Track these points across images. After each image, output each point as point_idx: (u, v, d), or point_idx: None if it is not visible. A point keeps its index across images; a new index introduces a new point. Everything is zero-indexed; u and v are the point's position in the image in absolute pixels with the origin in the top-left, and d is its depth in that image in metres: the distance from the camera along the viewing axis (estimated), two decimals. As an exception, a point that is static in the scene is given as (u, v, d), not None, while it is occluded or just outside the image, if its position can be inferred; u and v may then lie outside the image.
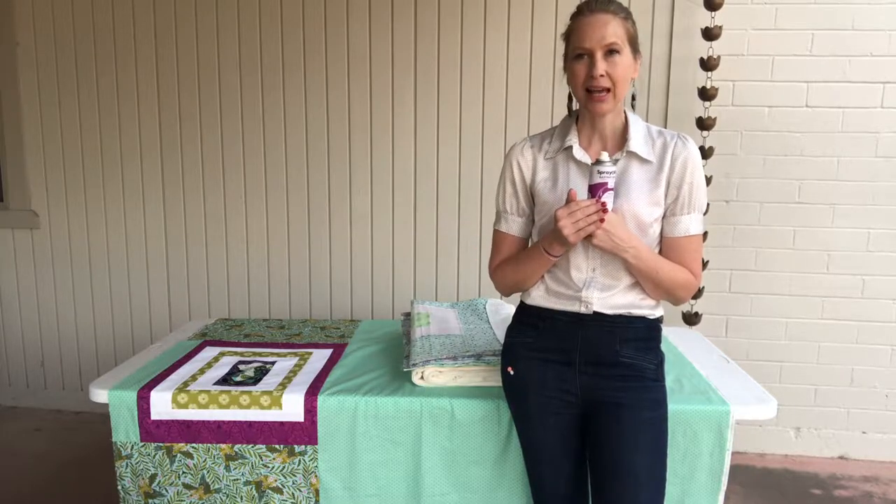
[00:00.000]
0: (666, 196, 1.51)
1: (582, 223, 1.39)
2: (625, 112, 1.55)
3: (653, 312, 1.56)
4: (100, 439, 3.01)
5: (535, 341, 1.60)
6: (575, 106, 1.58)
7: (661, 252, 1.54)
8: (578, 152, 1.53)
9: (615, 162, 1.48)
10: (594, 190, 1.43)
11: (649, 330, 1.57)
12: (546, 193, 1.55)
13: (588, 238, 1.42)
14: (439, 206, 3.15)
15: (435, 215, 3.16)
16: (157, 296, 3.38)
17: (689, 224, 1.51)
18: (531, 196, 1.60)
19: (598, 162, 1.42)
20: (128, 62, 3.21)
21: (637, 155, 1.50)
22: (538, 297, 1.58)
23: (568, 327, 1.55)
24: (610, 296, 1.52)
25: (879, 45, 2.82)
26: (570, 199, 1.42)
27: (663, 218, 1.52)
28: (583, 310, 1.53)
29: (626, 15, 1.46)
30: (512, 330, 1.67)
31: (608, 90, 1.44)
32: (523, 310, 1.65)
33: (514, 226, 1.62)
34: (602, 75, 1.42)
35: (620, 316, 1.53)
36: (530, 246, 1.61)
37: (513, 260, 1.60)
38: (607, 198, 1.42)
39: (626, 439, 1.49)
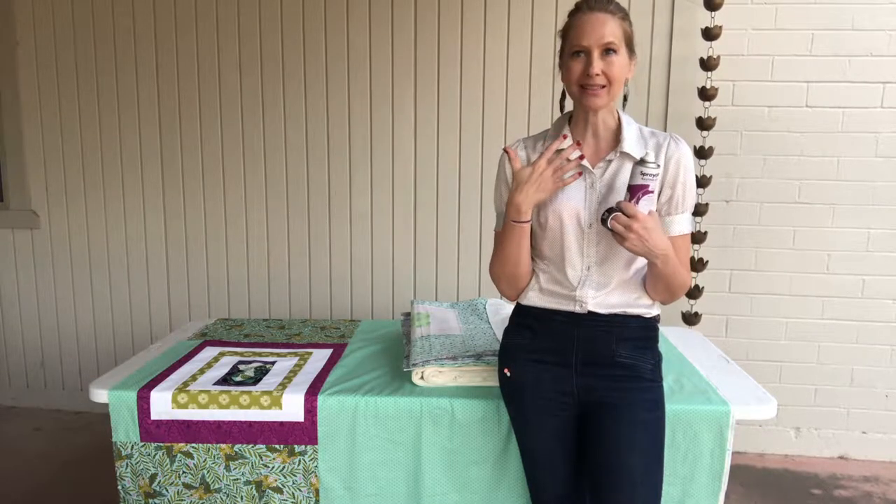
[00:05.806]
0: (660, 196, 1.51)
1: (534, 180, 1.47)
2: (617, 112, 1.55)
3: (649, 311, 1.56)
4: (100, 439, 3.01)
5: (531, 343, 1.59)
6: (568, 106, 1.58)
7: None
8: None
9: (657, 166, 1.42)
10: (634, 191, 1.39)
11: (646, 329, 1.57)
12: None
13: (621, 239, 1.40)
14: (439, 205, 3.15)
15: (435, 215, 3.16)
16: (157, 296, 3.38)
17: (683, 223, 1.52)
18: None
19: (642, 161, 1.39)
20: (128, 62, 3.22)
21: (630, 156, 1.49)
22: (533, 297, 1.58)
23: (564, 328, 1.55)
24: (604, 294, 1.52)
25: (879, 45, 2.82)
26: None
27: None
28: (577, 309, 1.53)
29: (624, 15, 1.47)
30: (508, 332, 1.67)
31: (603, 87, 1.45)
32: (519, 311, 1.65)
33: None
34: (598, 74, 1.43)
35: (616, 315, 1.53)
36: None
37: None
38: (647, 200, 1.39)
39: (623, 440, 1.49)
